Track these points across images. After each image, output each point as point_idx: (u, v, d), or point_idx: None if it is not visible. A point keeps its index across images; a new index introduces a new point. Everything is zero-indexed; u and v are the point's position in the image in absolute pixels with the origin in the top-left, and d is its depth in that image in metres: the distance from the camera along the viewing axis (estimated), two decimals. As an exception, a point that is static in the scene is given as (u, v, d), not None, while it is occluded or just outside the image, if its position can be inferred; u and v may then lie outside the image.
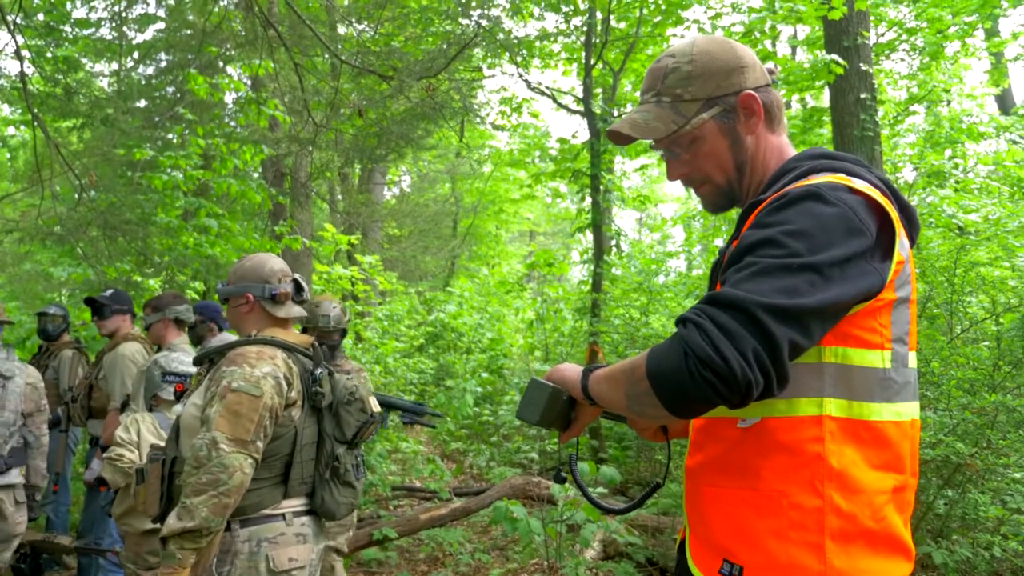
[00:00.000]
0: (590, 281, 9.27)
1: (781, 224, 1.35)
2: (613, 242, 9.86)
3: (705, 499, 1.52)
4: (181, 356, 4.01)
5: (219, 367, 2.57)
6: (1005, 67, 12.59)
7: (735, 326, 1.25)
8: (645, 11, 9.67)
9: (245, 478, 2.40)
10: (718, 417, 1.49)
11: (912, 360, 1.50)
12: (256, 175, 11.88)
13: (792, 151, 1.66)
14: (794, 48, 14.37)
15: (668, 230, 15.75)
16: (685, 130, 1.60)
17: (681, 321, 1.32)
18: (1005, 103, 13.98)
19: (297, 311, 2.82)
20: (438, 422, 10.18)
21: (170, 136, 10.29)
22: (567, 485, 5.17)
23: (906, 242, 1.48)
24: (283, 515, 2.59)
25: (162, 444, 2.90)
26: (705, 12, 10.50)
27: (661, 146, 1.67)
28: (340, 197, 16.40)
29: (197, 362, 2.84)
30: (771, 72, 1.67)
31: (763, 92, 1.62)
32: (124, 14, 11.74)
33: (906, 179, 11.14)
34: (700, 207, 11.52)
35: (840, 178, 1.43)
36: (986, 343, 6.23)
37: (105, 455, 3.53)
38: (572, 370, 1.66)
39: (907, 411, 1.47)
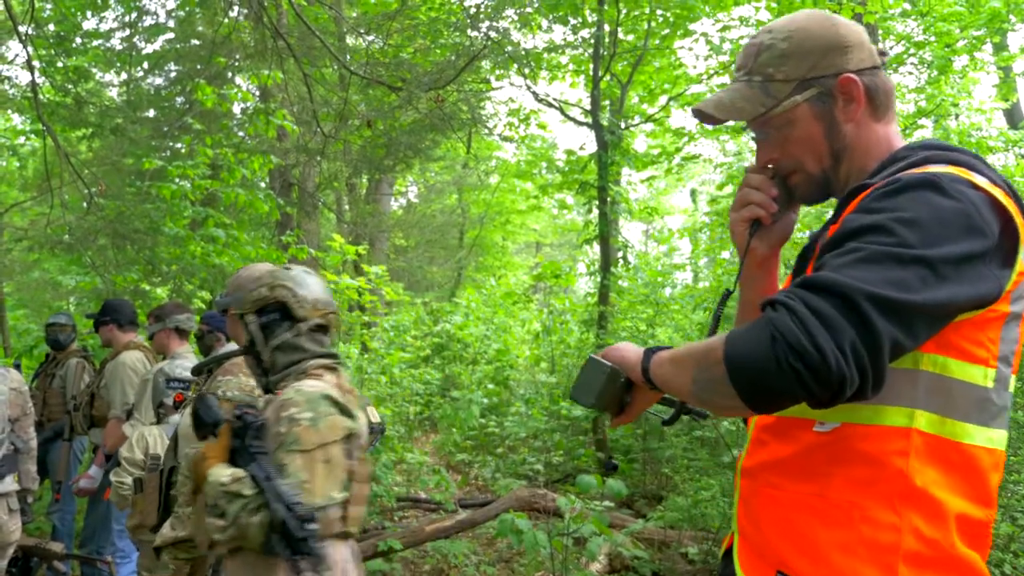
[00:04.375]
0: (597, 293, 9.25)
1: (893, 211, 1.22)
2: (620, 254, 9.85)
3: (763, 502, 1.40)
4: (185, 363, 4.01)
5: (215, 377, 2.57)
6: (1014, 81, 12.54)
7: (833, 313, 1.12)
8: (653, 24, 9.68)
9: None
10: (792, 417, 1.34)
11: (1012, 384, 1.35)
12: (264, 185, 11.93)
13: (900, 140, 1.50)
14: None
15: (675, 242, 15.72)
16: (774, 112, 1.47)
17: (769, 303, 1.20)
18: (1013, 117, 13.94)
19: None
20: (443, 433, 10.16)
21: (179, 146, 10.34)
22: (573, 498, 5.14)
23: None
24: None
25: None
26: (713, 25, 10.49)
27: (751, 127, 1.55)
28: (347, 207, 16.43)
29: (196, 372, 2.83)
30: (882, 54, 1.51)
31: (867, 76, 1.46)
32: (135, 25, 11.82)
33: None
34: (707, 220, 11.54)
35: (961, 171, 1.29)
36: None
37: (114, 477, 3.50)
38: (632, 350, 1.52)
39: (999, 439, 1.33)
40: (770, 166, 1.56)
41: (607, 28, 9.43)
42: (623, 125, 9.92)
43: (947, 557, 1.25)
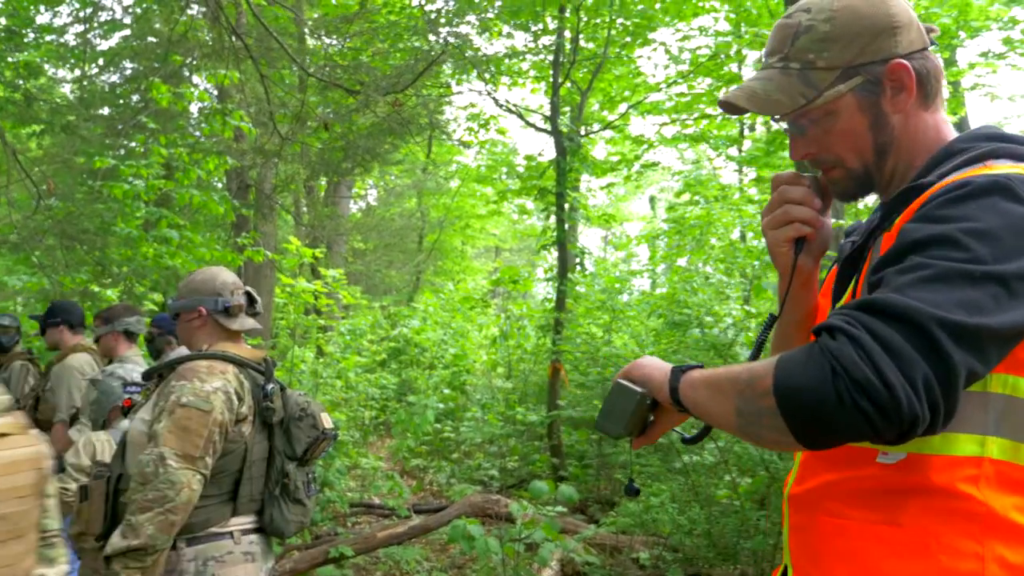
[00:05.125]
0: (554, 299, 9.29)
1: (961, 220, 1.09)
2: (577, 260, 9.90)
3: (823, 532, 1.25)
4: (137, 368, 3.95)
5: (168, 381, 2.53)
6: (962, 95, 12.86)
7: (903, 344, 1.00)
8: (613, 32, 9.75)
9: (193, 495, 2.36)
10: (852, 445, 1.17)
11: None
12: (220, 186, 11.79)
13: (951, 130, 1.36)
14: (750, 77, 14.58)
15: (633, 248, 15.84)
16: (815, 105, 1.31)
17: (826, 330, 1.07)
18: (962, 129, 14.32)
19: (251, 323, 2.79)
20: (399, 438, 10.11)
21: (133, 144, 10.17)
22: (526, 504, 5.15)
23: None
24: (231, 533, 2.55)
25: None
26: (673, 34, 10.62)
27: (784, 119, 1.39)
28: (305, 210, 16.30)
29: (147, 376, 2.79)
30: (929, 31, 1.34)
31: (917, 60, 1.30)
32: (90, 20, 11.63)
33: (867, 203, 11.31)
34: (666, 226, 11.65)
35: None
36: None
37: (58, 483, 3.43)
38: (657, 368, 1.36)
39: None
40: (806, 173, 1.43)
41: (568, 35, 9.49)
42: (583, 132, 9.97)
43: None
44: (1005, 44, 13.39)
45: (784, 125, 1.42)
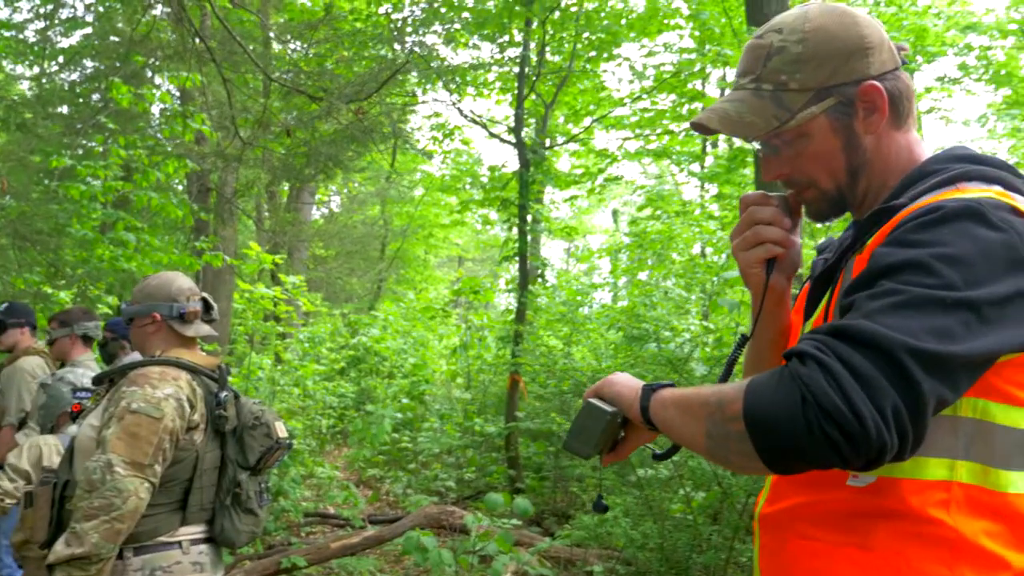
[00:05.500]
0: (514, 310, 9.30)
1: (933, 245, 1.08)
2: (538, 272, 9.94)
3: (793, 554, 1.25)
4: (88, 372, 3.89)
5: (119, 387, 2.50)
6: (919, 118, 13.16)
7: (873, 372, 1.00)
8: (579, 46, 9.83)
9: (140, 503, 2.32)
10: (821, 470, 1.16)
11: None
12: (181, 189, 11.65)
13: (923, 150, 1.35)
14: (723, 90, 14.75)
15: (595, 261, 15.92)
16: (788, 126, 1.31)
17: (797, 355, 1.06)
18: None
19: (206, 330, 2.76)
20: (355, 447, 10.04)
21: (92, 145, 10.03)
22: (481, 516, 5.15)
23: None
24: (179, 543, 2.51)
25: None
26: (639, 50, 10.75)
27: (757, 140, 1.38)
28: (267, 215, 16.17)
29: (97, 381, 2.75)
30: (900, 49, 1.35)
31: (889, 80, 1.30)
32: (51, 17, 11.46)
33: (827, 225, 11.48)
34: (628, 240, 11.74)
35: (1000, 193, 1.16)
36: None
37: None
38: (628, 385, 1.35)
39: None
40: (775, 194, 1.42)
41: (534, 48, 9.54)
42: (547, 144, 10.02)
43: None
44: (960, 69, 13.70)
45: (757, 145, 1.41)
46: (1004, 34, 13.62)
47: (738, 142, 13.11)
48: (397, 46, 8.06)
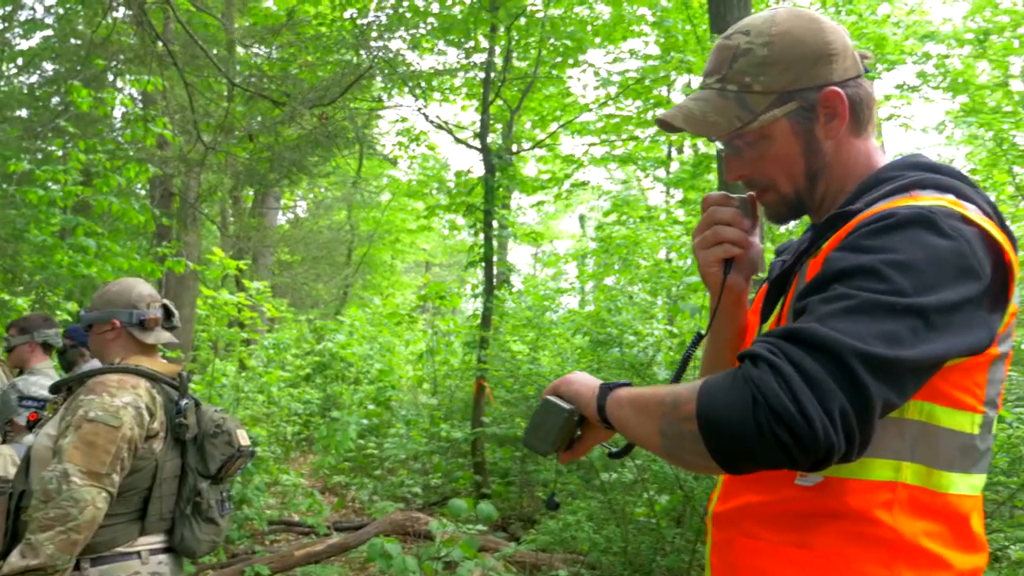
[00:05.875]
0: (480, 315, 9.30)
1: (885, 251, 1.11)
2: (503, 278, 9.94)
3: (740, 552, 1.29)
4: (42, 380, 3.83)
5: (77, 395, 2.46)
6: (880, 125, 13.38)
7: (823, 376, 1.02)
8: (544, 52, 9.86)
9: (98, 513, 2.29)
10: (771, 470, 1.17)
11: (995, 425, 1.27)
12: (144, 193, 11.52)
13: (881, 157, 1.38)
14: (687, 96, 14.91)
15: (562, 266, 15.96)
16: (751, 128, 1.33)
17: (749, 357, 1.09)
18: (879, 160, 14.86)
19: (166, 337, 2.73)
20: (321, 454, 9.98)
21: (52, 148, 9.88)
22: (445, 521, 5.14)
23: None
24: (138, 553, 2.48)
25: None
26: (604, 56, 10.81)
27: (720, 140, 1.41)
28: (231, 220, 16.02)
29: (54, 390, 2.71)
30: (863, 57, 1.37)
31: (851, 88, 1.32)
32: (9, 19, 11.28)
33: (790, 228, 11.63)
34: (594, 245, 11.79)
35: (952, 202, 1.18)
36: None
37: None
38: (586, 384, 1.37)
39: (980, 484, 1.25)
40: (736, 195, 1.45)
41: (499, 53, 9.56)
42: (514, 150, 10.04)
43: None
44: (919, 77, 13.95)
45: (720, 145, 1.44)
46: (961, 43, 13.91)
47: (703, 147, 13.25)
48: (363, 52, 8.04)
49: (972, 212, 1.18)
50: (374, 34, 8.36)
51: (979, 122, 11.13)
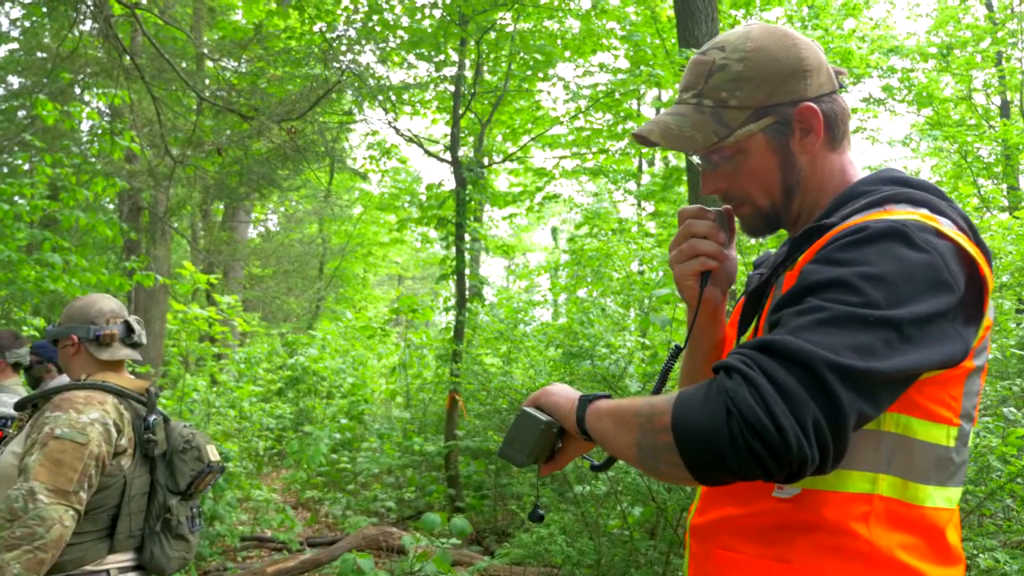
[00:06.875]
0: (452, 329, 9.29)
1: (858, 264, 1.12)
2: (475, 291, 9.94)
3: (717, 565, 1.30)
4: (3, 397, 3.77)
5: (43, 412, 2.43)
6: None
7: (796, 387, 1.02)
8: (514, 66, 9.91)
9: (65, 531, 2.26)
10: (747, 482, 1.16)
11: (971, 438, 1.27)
12: (112, 208, 11.40)
13: (856, 171, 1.39)
14: (658, 109, 15.02)
15: (534, 279, 16.00)
16: (727, 142, 1.34)
17: (724, 369, 1.09)
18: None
19: (125, 353, 2.69)
20: (293, 469, 9.89)
21: (17, 162, 9.76)
22: (419, 536, 5.12)
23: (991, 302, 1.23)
24: (107, 571, 2.45)
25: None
26: (574, 69, 10.89)
27: (697, 154, 1.42)
28: (201, 234, 15.90)
29: (19, 407, 2.67)
30: (838, 74, 1.38)
31: (826, 103, 1.34)
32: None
33: (761, 242, 11.73)
34: (567, 257, 11.83)
35: (926, 216, 1.19)
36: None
37: None
38: (565, 396, 1.37)
39: (956, 497, 1.26)
40: (712, 208, 1.46)
41: (469, 67, 9.59)
42: (485, 163, 10.06)
43: None
44: (884, 91, 14.16)
45: (694, 159, 1.45)
46: (925, 57, 14.18)
47: (674, 160, 13.35)
48: (333, 65, 8.03)
49: (946, 226, 1.18)
50: (344, 48, 8.35)
51: (944, 135, 11.32)
